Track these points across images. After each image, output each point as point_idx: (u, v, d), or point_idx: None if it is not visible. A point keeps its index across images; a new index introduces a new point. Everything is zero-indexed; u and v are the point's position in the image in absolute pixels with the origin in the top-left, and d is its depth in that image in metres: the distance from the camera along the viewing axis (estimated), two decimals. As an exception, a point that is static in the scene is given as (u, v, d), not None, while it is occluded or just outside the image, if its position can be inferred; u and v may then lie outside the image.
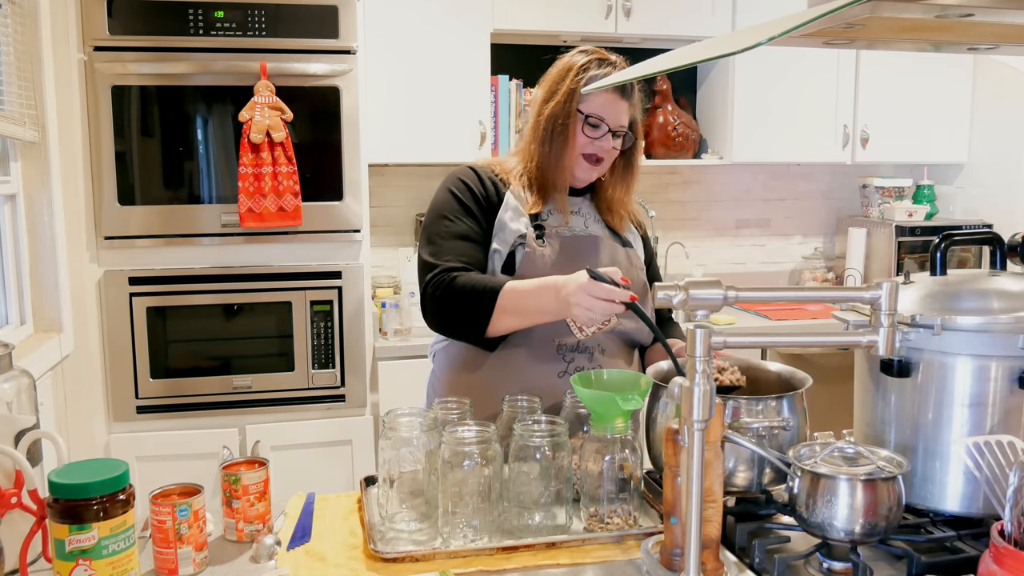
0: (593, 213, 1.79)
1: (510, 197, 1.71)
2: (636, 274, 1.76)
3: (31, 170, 2.48)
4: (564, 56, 1.75)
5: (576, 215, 1.76)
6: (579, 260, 1.67)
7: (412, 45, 3.09)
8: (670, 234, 3.84)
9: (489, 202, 1.71)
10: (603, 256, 1.72)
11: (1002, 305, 1.26)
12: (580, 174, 1.73)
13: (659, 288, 1.10)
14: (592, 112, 1.68)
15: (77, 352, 2.64)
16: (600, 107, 1.68)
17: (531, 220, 1.70)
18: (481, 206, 1.70)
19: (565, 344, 1.66)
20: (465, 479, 1.29)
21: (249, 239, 2.75)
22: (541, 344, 1.66)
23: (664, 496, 1.20)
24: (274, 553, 1.27)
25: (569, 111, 1.69)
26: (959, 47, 1.25)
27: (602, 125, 1.68)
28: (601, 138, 1.69)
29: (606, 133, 1.69)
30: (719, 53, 0.99)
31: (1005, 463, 1.18)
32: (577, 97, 1.68)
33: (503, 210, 1.70)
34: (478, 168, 1.76)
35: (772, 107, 3.53)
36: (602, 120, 1.68)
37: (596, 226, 1.77)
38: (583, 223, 1.75)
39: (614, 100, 1.69)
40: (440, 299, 1.61)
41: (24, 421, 1.24)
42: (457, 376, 1.73)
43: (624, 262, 1.74)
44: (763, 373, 1.53)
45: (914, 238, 3.63)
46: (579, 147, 1.70)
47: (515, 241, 1.67)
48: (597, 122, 1.68)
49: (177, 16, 2.62)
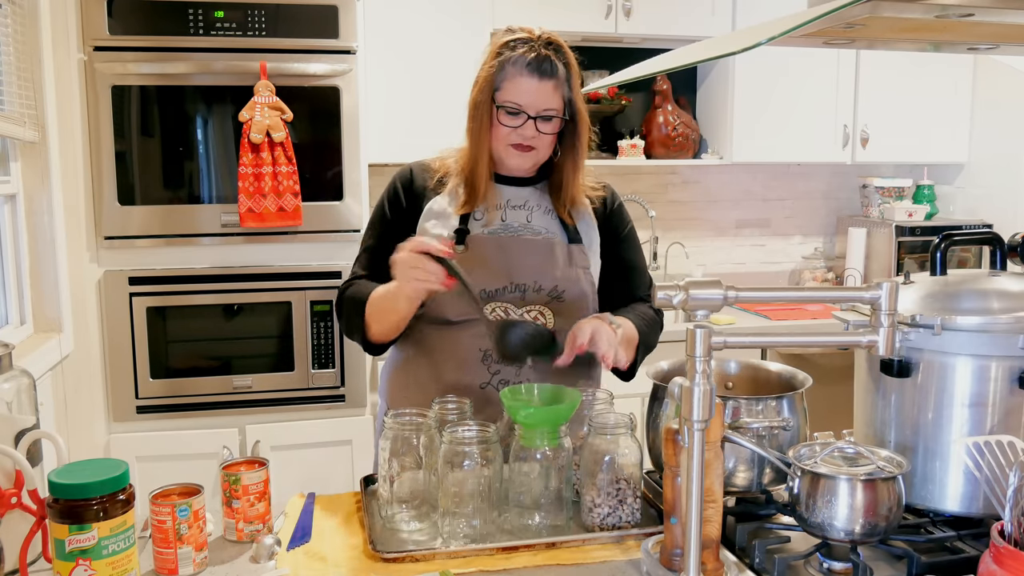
0: (544, 203, 1.67)
1: (437, 201, 1.65)
2: (577, 273, 1.64)
3: (31, 170, 2.48)
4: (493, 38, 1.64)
5: (519, 208, 1.65)
6: (503, 264, 1.60)
7: (412, 45, 3.08)
8: (670, 234, 3.83)
9: (412, 208, 1.67)
10: (531, 257, 1.61)
11: (1002, 305, 1.26)
12: (511, 163, 1.62)
13: (659, 288, 1.10)
14: (507, 100, 1.56)
15: (77, 352, 2.64)
16: (516, 93, 1.55)
17: (461, 221, 1.62)
18: (404, 215, 1.66)
19: (491, 354, 1.58)
20: (465, 479, 1.29)
21: (249, 239, 2.75)
22: (467, 352, 1.60)
23: (664, 496, 1.20)
24: (274, 553, 1.27)
25: (486, 100, 1.58)
26: (959, 47, 1.25)
27: (520, 112, 1.55)
28: (522, 126, 1.56)
29: (527, 120, 1.56)
30: (719, 53, 0.99)
31: (1005, 463, 1.18)
32: (493, 85, 1.57)
33: (424, 216, 1.65)
34: (416, 168, 1.70)
35: (772, 107, 3.53)
36: (519, 107, 1.55)
37: (542, 217, 1.66)
38: (525, 217, 1.65)
39: (531, 83, 1.55)
40: (337, 309, 1.70)
41: (24, 421, 1.24)
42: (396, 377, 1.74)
43: (563, 261, 1.63)
44: (763, 373, 1.53)
45: (914, 238, 3.63)
46: (501, 138, 1.59)
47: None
48: (514, 109, 1.55)
49: (177, 16, 2.62)
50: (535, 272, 1.61)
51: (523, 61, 1.55)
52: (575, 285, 1.63)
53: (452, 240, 1.59)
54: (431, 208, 1.65)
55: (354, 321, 1.63)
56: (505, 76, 1.56)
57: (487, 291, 1.58)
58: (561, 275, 1.62)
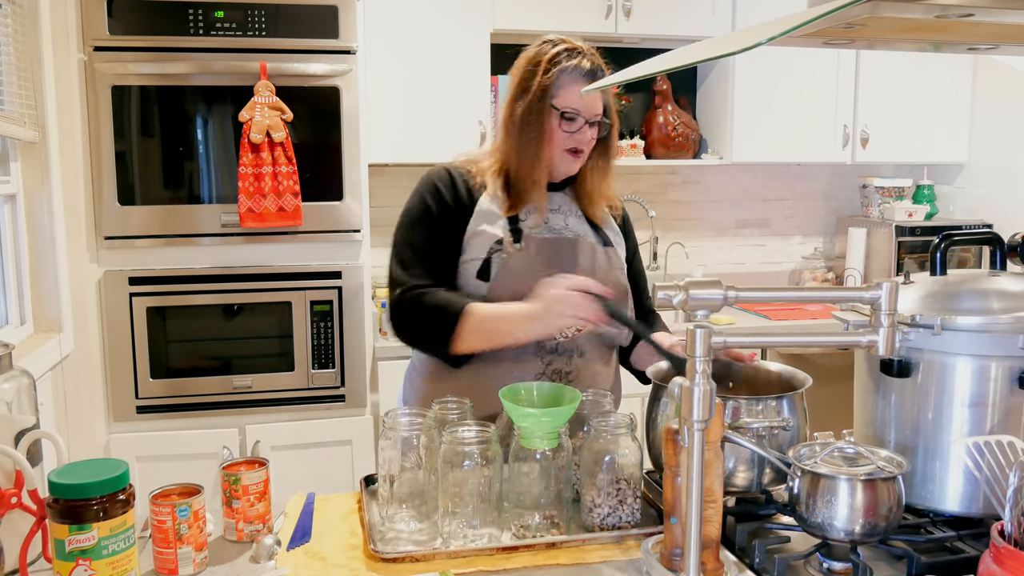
0: (573, 208, 1.74)
1: (484, 201, 1.67)
2: (616, 276, 1.72)
3: (31, 170, 2.48)
4: (530, 48, 1.69)
5: (556, 212, 1.71)
6: (557, 264, 1.63)
7: (412, 45, 3.09)
8: (670, 234, 3.83)
9: (461, 208, 1.66)
10: (582, 259, 1.67)
11: (1002, 305, 1.26)
12: (562, 168, 1.69)
13: (659, 288, 1.10)
14: (567, 106, 1.63)
15: (77, 352, 2.64)
16: (574, 100, 1.64)
17: (510, 222, 1.65)
18: (452, 215, 1.66)
19: (545, 345, 1.64)
20: (465, 479, 1.29)
21: (249, 239, 2.75)
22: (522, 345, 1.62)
23: (664, 496, 1.20)
24: (274, 553, 1.27)
25: (543, 108, 1.64)
26: (959, 47, 1.25)
27: (578, 118, 1.64)
28: (579, 131, 1.65)
29: (583, 125, 1.65)
30: (719, 53, 0.99)
31: (1005, 463, 1.18)
32: (550, 93, 1.64)
33: (476, 217, 1.66)
34: (453, 170, 1.70)
35: (772, 107, 3.53)
36: (578, 113, 1.64)
37: (576, 222, 1.72)
38: (563, 220, 1.71)
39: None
40: (407, 318, 1.63)
41: (24, 421, 1.24)
42: (437, 372, 1.70)
43: (604, 263, 1.70)
44: (763, 373, 1.53)
45: (914, 238, 3.63)
46: (558, 143, 1.66)
47: (491, 248, 1.63)
48: (573, 115, 1.64)
49: (177, 16, 2.62)
50: (586, 272, 1.66)
51: (580, 71, 1.64)
52: (618, 285, 1.70)
53: (511, 239, 1.64)
54: (480, 209, 1.67)
55: (441, 334, 1.59)
56: (561, 84, 1.64)
57: None
58: (606, 275, 1.68)
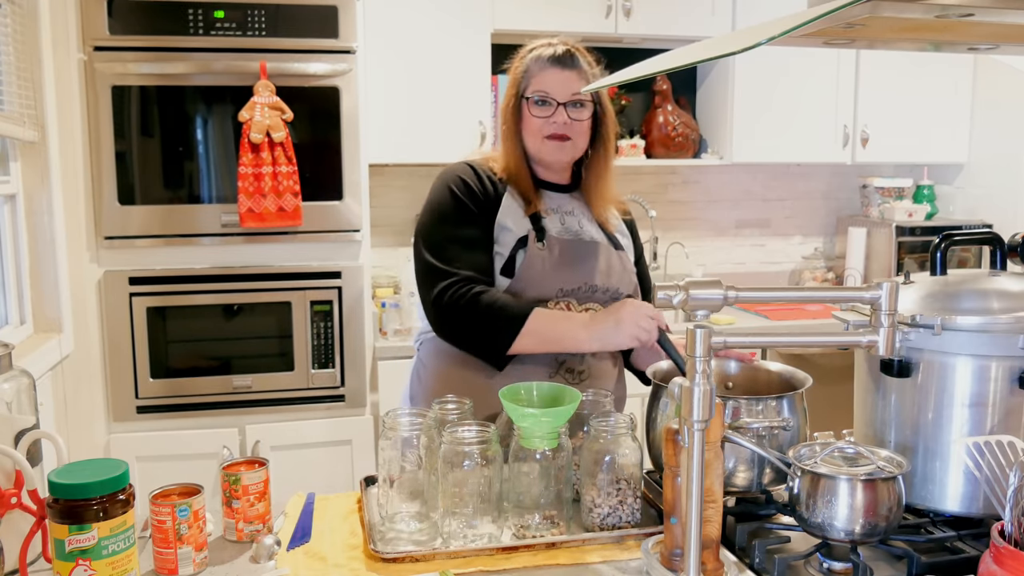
0: (585, 212, 1.75)
1: (508, 197, 1.68)
2: (629, 278, 1.75)
3: (31, 170, 2.48)
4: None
5: (570, 215, 1.72)
6: (578, 265, 1.65)
7: (412, 45, 3.08)
8: (670, 234, 3.83)
9: (489, 203, 1.66)
10: (600, 262, 1.69)
11: (1002, 305, 1.26)
12: (549, 157, 1.68)
13: (659, 288, 1.10)
14: (536, 90, 1.64)
15: (77, 352, 2.64)
16: (542, 84, 1.64)
17: (531, 222, 1.66)
18: (483, 208, 1.66)
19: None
20: (465, 479, 1.29)
21: (249, 239, 2.75)
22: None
23: (664, 496, 1.20)
24: (274, 553, 1.27)
25: (517, 98, 1.67)
26: (959, 47, 1.25)
27: (549, 100, 1.63)
28: (554, 114, 1.64)
29: (557, 107, 1.63)
30: (719, 53, 0.99)
31: (1005, 463, 1.18)
32: (522, 84, 1.66)
33: (503, 212, 1.66)
34: (476, 166, 1.70)
35: (772, 107, 3.53)
36: (547, 95, 1.63)
37: (591, 227, 1.73)
38: (577, 223, 1.72)
39: (556, 74, 1.64)
40: (460, 314, 1.58)
41: (24, 421, 1.24)
42: (446, 369, 1.70)
43: (618, 267, 1.73)
44: (763, 373, 1.53)
45: (914, 238, 3.63)
46: (535, 131, 1.65)
47: (516, 244, 1.64)
48: (543, 98, 1.64)
49: (177, 16, 2.62)
50: (602, 274, 1.69)
51: (545, 56, 1.66)
52: (630, 287, 1.74)
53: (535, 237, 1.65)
54: (505, 204, 1.68)
55: (504, 334, 1.57)
56: (531, 73, 1.66)
57: (564, 289, 1.65)
58: (619, 278, 1.71)
